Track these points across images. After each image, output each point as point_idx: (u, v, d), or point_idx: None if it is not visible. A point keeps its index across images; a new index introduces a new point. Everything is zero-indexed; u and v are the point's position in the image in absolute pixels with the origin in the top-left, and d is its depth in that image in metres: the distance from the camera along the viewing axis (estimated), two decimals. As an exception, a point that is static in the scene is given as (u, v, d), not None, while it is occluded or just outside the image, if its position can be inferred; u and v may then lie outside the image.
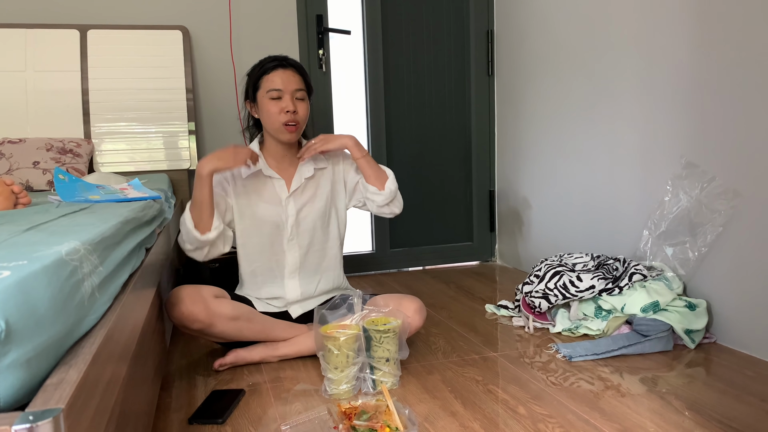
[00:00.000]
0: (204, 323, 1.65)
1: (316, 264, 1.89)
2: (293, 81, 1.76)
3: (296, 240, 1.84)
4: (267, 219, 1.82)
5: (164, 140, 2.59)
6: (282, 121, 1.75)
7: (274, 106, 1.75)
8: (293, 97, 1.75)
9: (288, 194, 1.83)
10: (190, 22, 2.72)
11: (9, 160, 2.20)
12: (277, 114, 1.75)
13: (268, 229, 1.83)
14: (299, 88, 1.77)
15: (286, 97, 1.75)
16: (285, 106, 1.74)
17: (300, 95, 1.77)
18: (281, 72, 1.76)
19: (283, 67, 1.77)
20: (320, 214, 1.87)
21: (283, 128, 1.76)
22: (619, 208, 2.31)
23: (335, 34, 2.94)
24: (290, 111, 1.73)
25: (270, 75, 1.76)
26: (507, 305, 2.30)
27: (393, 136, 3.08)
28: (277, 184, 1.83)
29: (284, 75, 1.76)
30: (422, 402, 1.49)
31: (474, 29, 3.12)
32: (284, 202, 1.83)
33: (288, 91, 1.75)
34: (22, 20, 2.52)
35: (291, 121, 1.75)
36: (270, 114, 1.76)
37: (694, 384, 1.57)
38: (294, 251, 1.85)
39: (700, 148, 1.92)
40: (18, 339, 0.54)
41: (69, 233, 0.84)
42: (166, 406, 1.53)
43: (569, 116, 2.58)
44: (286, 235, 1.83)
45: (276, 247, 1.84)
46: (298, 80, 1.78)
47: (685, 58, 1.95)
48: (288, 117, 1.74)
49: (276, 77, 1.75)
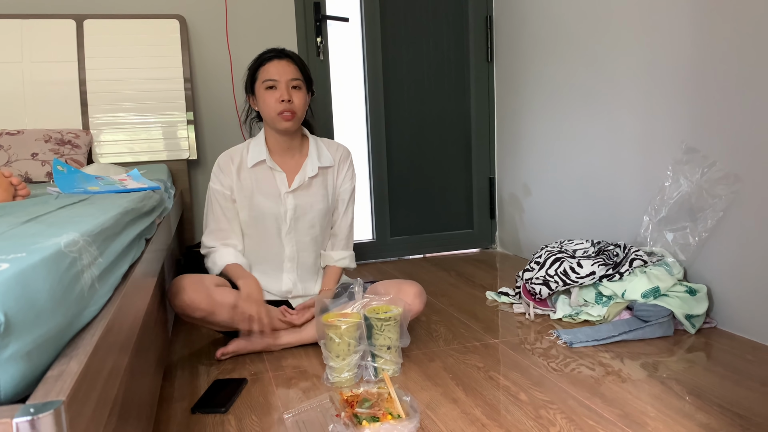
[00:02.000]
0: (206, 311, 1.66)
1: (314, 260, 1.90)
2: (288, 71, 1.76)
3: (294, 234, 1.85)
4: (266, 210, 1.82)
5: (163, 130, 2.58)
6: (277, 111, 1.75)
7: (270, 96, 1.75)
8: (288, 86, 1.75)
9: (288, 189, 1.83)
10: (187, 10, 2.70)
11: (7, 152, 2.19)
12: (273, 104, 1.75)
13: (267, 220, 1.83)
14: (295, 78, 1.76)
15: (281, 87, 1.75)
16: (280, 96, 1.74)
17: (295, 84, 1.77)
18: (276, 62, 1.76)
19: (278, 58, 1.77)
20: (322, 213, 1.87)
21: (279, 117, 1.76)
22: (619, 193, 2.30)
23: (333, 22, 2.92)
24: (285, 100, 1.73)
25: (266, 66, 1.77)
26: (508, 292, 2.31)
27: (392, 124, 3.07)
28: (279, 177, 1.83)
29: (279, 65, 1.76)
30: (424, 389, 1.50)
31: (473, 15, 3.10)
32: (283, 197, 1.83)
33: (283, 80, 1.75)
34: (18, 10, 2.50)
35: (286, 110, 1.75)
36: (266, 104, 1.76)
37: (695, 369, 1.57)
38: (292, 245, 1.85)
39: (700, 133, 1.91)
40: (18, 331, 0.54)
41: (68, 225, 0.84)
42: (169, 395, 1.53)
43: (569, 102, 2.57)
44: (285, 228, 1.83)
45: (274, 239, 1.85)
46: (294, 70, 1.77)
47: (686, 43, 1.93)
48: (283, 106, 1.74)
49: (271, 67, 1.76)
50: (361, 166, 3.04)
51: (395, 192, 3.13)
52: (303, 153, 1.87)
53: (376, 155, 3.05)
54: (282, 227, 1.84)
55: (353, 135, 3.04)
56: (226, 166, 1.83)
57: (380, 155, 3.05)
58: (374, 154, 3.05)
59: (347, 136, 3.02)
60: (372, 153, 3.04)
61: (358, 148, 3.03)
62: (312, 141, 1.89)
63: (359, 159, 3.02)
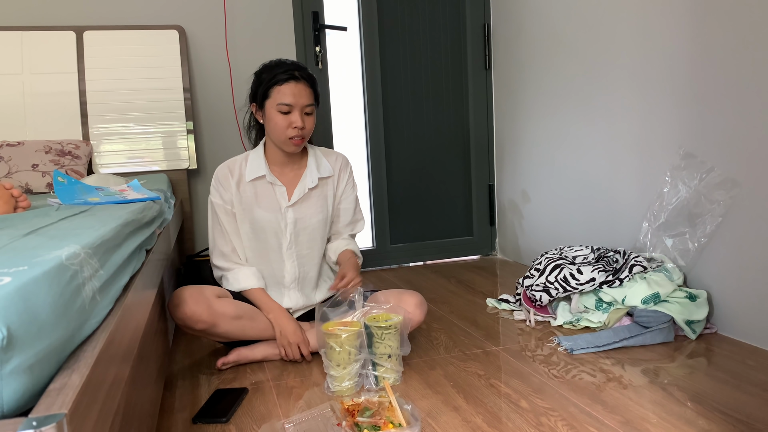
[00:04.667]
0: (207, 323, 1.66)
1: (315, 274, 1.90)
2: (304, 95, 1.72)
3: (295, 248, 1.84)
4: (266, 225, 1.81)
5: (163, 140, 2.59)
6: (289, 136, 1.73)
7: (283, 120, 1.72)
8: (302, 112, 1.72)
9: (288, 203, 1.82)
10: (186, 21, 2.72)
11: (8, 164, 2.20)
12: (284, 128, 1.72)
13: (267, 235, 1.82)
14: (309, 103, 1.73)
15: (295, 113, 1.71)
16: (294, 122, 1.71)
17: (309, 110, 1.74)
18: (293, 85, 1.71)
19: (295, 80, 1.71)
20: (322, 224, 1.87)
21: (290, 142, 1.74)
22: (618, 199, 2.31)
23: (332, 31, 2.94)
24: (299, 126, 1.71)
25: (282, 87, 1.71)
26: (508, 299, 2.31)
27: (391, 132, 3.08)
28: (279, 191, 1.82)
29: (296, 89, 1.71)
30: (425, 397, 1.50)
31: (470, 23, 3.11)
32: (284, 210, 1.82)
33: (298, 106, 1.71)
34: (18, 23, 2.52)
35: (298, 136, 1.73)
36: (277, 126, 1.73)
37: (696, 375, 1.57)
38: (293, 260, 1.85)
39: (698, 138, 1.92)
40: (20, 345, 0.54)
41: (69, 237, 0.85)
42: (170, 406, 1.53)
43: (567, 109, 2.58)
44: (285, 243, 1.83)
45: (275, 255, 1.84)
46: (309, 94, 1.74)
47: (682, 49, 1.95)
48: (296, 132, 1.72)
49: (287, 90, 1.70)
50: (361, 174, 3.05)
51: (395, 199, 3.13)
52: (302, 164, 1.87)
53: (375, 163, 3.06)
54: (283, 242, 1.83)
55: (352, 143, 3.05)
56: (225, 180, 1.82)
57: (379, 163, 3.06)
58: (373, 162, 3.05)
59: (346, 144, 3.03)
60: (371, 161, 3.05)
61: (357, 156, 3.04)
62: (311, 151, 1.88)
63: (359, 167, 3.02)
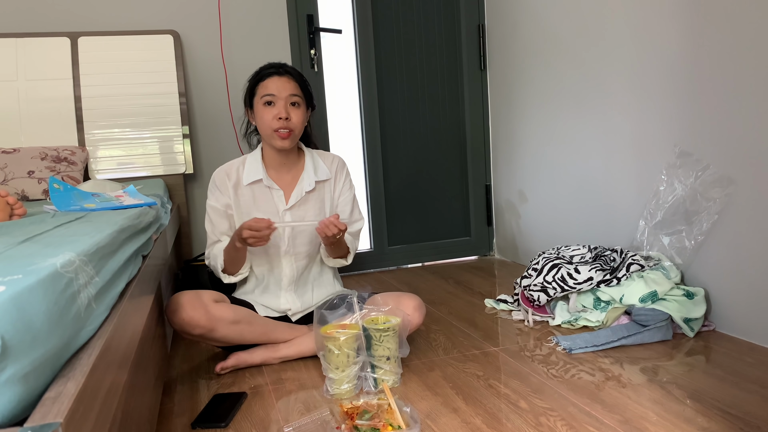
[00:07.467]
0: (205, 328, 1.65)
1: (313, 277, 1.90)
2: (288, 87, 1.73)
3: (292, 252, 1.84)
4: None
5: (159, 145, 2.59)
6: (274, 127, 1.73)
7: (268, 113, 1.73)
8: (287, 103, 1.73)
9: (286, 207, 1.82)
10: (181, 25, 2.72)
11: (3, 171, 2.19)
12: (270, 120, 1.73)
13: None
14: (294, 94, 1.74)
15: (279, 103, 1.72)
16: (278, 113, 1.71)
17: (294, 101, 1.74)
18: (276, 78, 1.74)
19: (279, 74, 1.75)
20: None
21: (275, 135, 1.73)
22: (614, 198, 2.31)
23: (326, 34, 2.94)
24: (282, 117, 1.71)
25: (265, 81, 1.74)
26: (506, 299, 2.31)
27: (387, 134, 3.08)
28: (276, 195, 1.82)
29: (279, 81, 1.73)
30: (424, 399, 1.50)
31: (465, 24, 3.12)
32: (281, 214, 1.82)
33: (282, 97, 1.72)
34: (13, 29, 2.51)
35: (283, 128, 1.73)
36: (263, 120, 1.74)
37: (694, 372, 1.58)
38: (291, 263, 1.84)
39: (693, 136, 1.92)
40: (15, 354, 0.54)
41: (64, 244, 0.84)
42: (169, 411, 1.53)
43: (563, 108, 2.58)
44: (283, 246, 1.83)
45: (273, 259, 1.84)
46: (293, 86, 1.75)
47: (677, 47, 1.95)
48: (280, 123, 1.72)
49: (271, 83, 1.73)
50: (358, 176, 3.05)
51: (392, 201, 3.13)
52: (299, 167, 1.87)
53: (372, 165, 3.06)
54: (281, 245, 1.83)
55: (349, 146, 3.05)
56: (222, 184, 1.82)
57: (376, 165, 3.06)
58: (370, 164, 3.05)
59: (343, 147, 3.03)
60: (368, 163, 3.05)
61: (353, 158, 3.03)
62: (308, 154, 1.88)
63: (355, 169, 3.02)
